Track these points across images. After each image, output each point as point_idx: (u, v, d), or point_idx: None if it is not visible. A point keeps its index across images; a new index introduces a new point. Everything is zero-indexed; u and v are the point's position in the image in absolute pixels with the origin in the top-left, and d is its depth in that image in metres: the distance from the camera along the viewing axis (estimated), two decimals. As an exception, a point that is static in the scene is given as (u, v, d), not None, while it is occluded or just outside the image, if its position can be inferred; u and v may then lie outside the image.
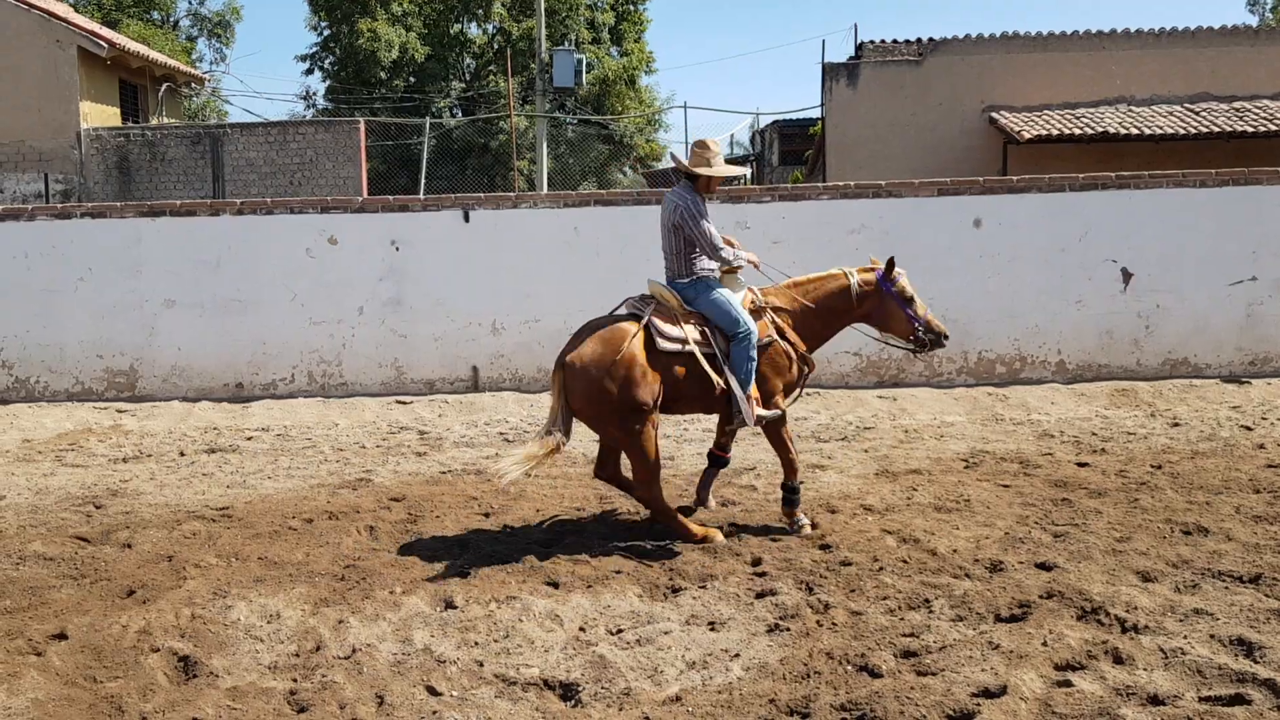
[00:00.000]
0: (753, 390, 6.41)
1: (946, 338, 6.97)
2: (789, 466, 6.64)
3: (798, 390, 6.79)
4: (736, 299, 6.55)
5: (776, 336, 6.58)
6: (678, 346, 6.33)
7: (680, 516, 6.42)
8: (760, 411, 6.44)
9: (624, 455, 6.55)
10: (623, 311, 6.55)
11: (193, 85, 29.08)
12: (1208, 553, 5.84)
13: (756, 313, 6.60)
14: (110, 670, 4.69)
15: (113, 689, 4.48)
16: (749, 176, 33.78)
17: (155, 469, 8.94)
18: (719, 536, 6.28)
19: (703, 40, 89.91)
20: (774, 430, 6.61)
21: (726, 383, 6.32)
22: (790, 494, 6.59)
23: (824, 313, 6.79)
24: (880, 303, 6.84)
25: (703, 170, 6.53)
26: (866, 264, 6.97)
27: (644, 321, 6.33)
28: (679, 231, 6.50)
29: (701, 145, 6.59)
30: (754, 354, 6.40)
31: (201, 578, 5.83)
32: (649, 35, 38.40)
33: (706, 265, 6.58)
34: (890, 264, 6.84)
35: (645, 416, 6.22)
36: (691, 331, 6.38)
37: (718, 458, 7.08)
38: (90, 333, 12.13)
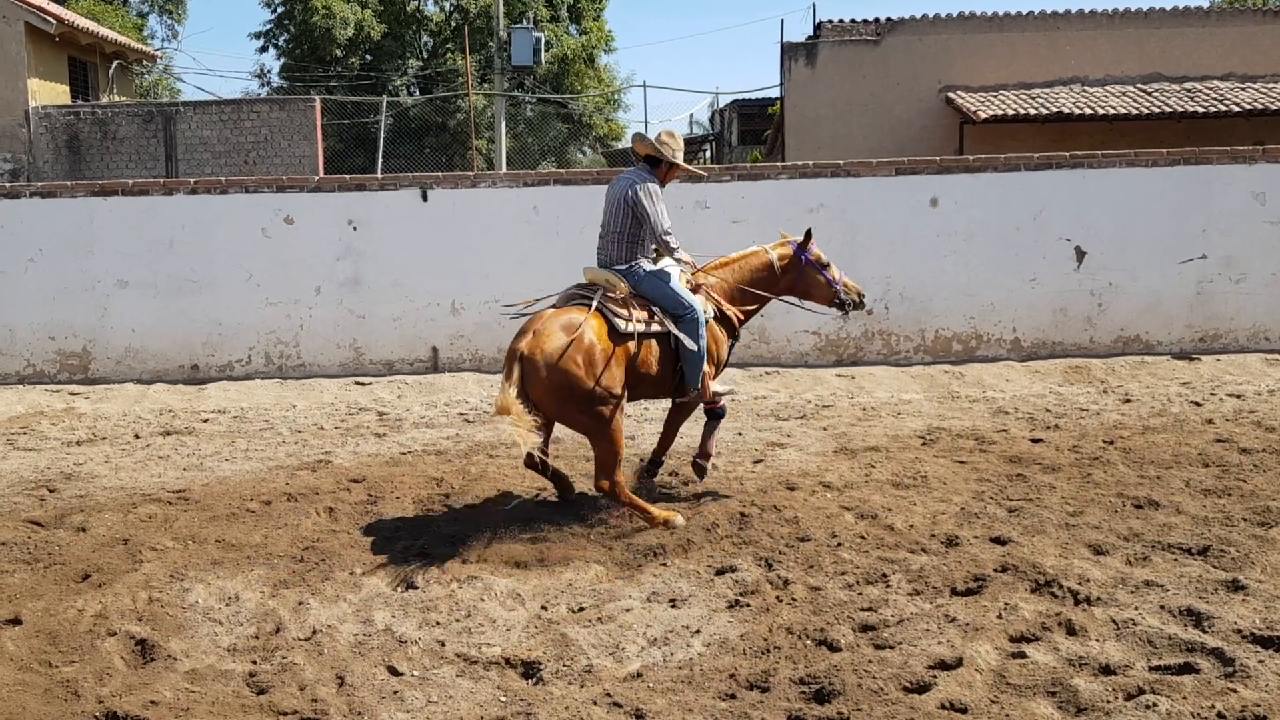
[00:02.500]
0: (707, 367, 6.55)
1: (864, 297, 7.24)
2: (708, 428, 6.98)
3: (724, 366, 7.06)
4: (676, 278, 6.56)
5: (714, 313, 6.74)
6: (640, 328, 6.32)
7: (641, 501, 6.40)
8: (715, 387, 6.69)
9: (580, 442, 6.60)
10: (562, 300, 6.55)
11: (144, 63, 28.59)
12: (1158, 526, 5.95)
13: (694, 290, 6.70)
14: (66, 655, 4.64)
15: (69, 673, 4.44)
16: (708, 156, 33.78)
17: (110, 452, 8.83)
18: (679, 520, 6.22)
19: (662, 19, 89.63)
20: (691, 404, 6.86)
21: (692, 357, 6.40)
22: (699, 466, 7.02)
23: (751, 289, 6.99)
24: (801, 273, 7.09)
25: (670, 156, 6.59)
26: (779, 240, 7.22)
27: (594, 306, 6.26)
28: (631, 211, 6.47)
29: (670, 135, 6.69)
30: (703, 331, 6.49)
31: (158, 561, 5.78)
32: (608, 14, 38.21)
33: (646, 250, 6.60)
34: (808, 235, 7.13)
35: (616, 404, 6.21)
36: (640, 314, 6.38)
37: (711, 411, 7.03)
38: (41, 314, 11.94)
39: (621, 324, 6.25)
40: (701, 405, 6.91)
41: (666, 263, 6.68)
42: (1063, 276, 11.96)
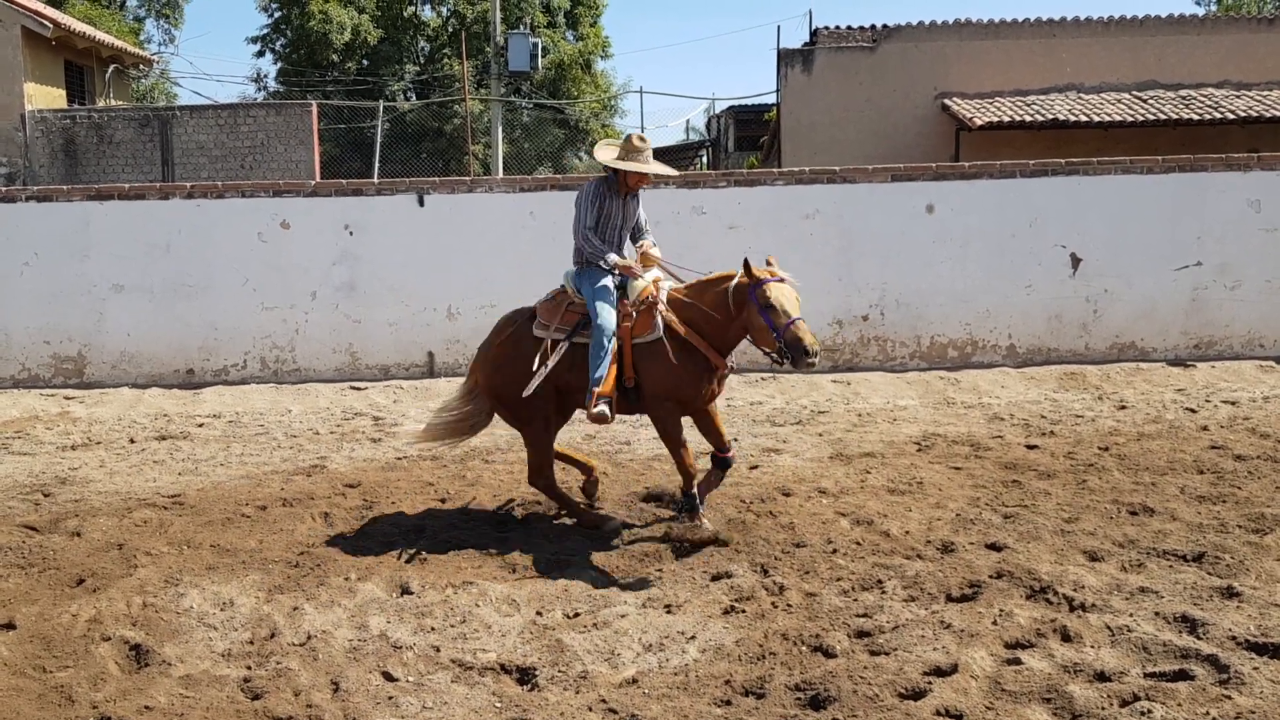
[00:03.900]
0: (602, 383, 6.05)
1: (811, 353, 5.87)
2: (683, 472, 6.30)
3: (708, 392, 6.30)
4: (609, 288, 6.33)
5: (662, 333, 6.13)
6: (544, 334, 6.36)
7: (572, 499, 6.68)
8: (594, 408, 6.06)
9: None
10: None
11: (141, 67, 28.55)
12: (1153, 532, 5.96)
13: (649, 307, 6.22)
14: (60, 660, 4.63)
15: (63, 678, 4.43)
16: (704, 162, 33.79)
17: (105, 456, 8.82)
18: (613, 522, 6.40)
19: (659, 25, 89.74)
20: (665, 430, 6.32)
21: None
22: (688, 501, 6.26)
23: (714, 315, 6.14)
24: (745, 308, 6.03)
25: (621, 165, 6.37)
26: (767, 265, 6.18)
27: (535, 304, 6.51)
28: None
29: (629, 141, 6.46)
30: (606, 344, 6.09)
31: (153, 566, 5.77)
32: (605, 19, 38.27)
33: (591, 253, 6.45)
34: (745, 265, 6.05)
35: (530, 406, 6.34)
36: (558, 321, 6.37)
37: (719, 459, 6.42)
38: (37, 318, 11.91)
39: (537, 330, 6.52)
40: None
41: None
42: (1058, 283, 11.97)
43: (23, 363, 11.96)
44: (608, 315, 6.19)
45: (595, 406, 6.07)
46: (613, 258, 6.38)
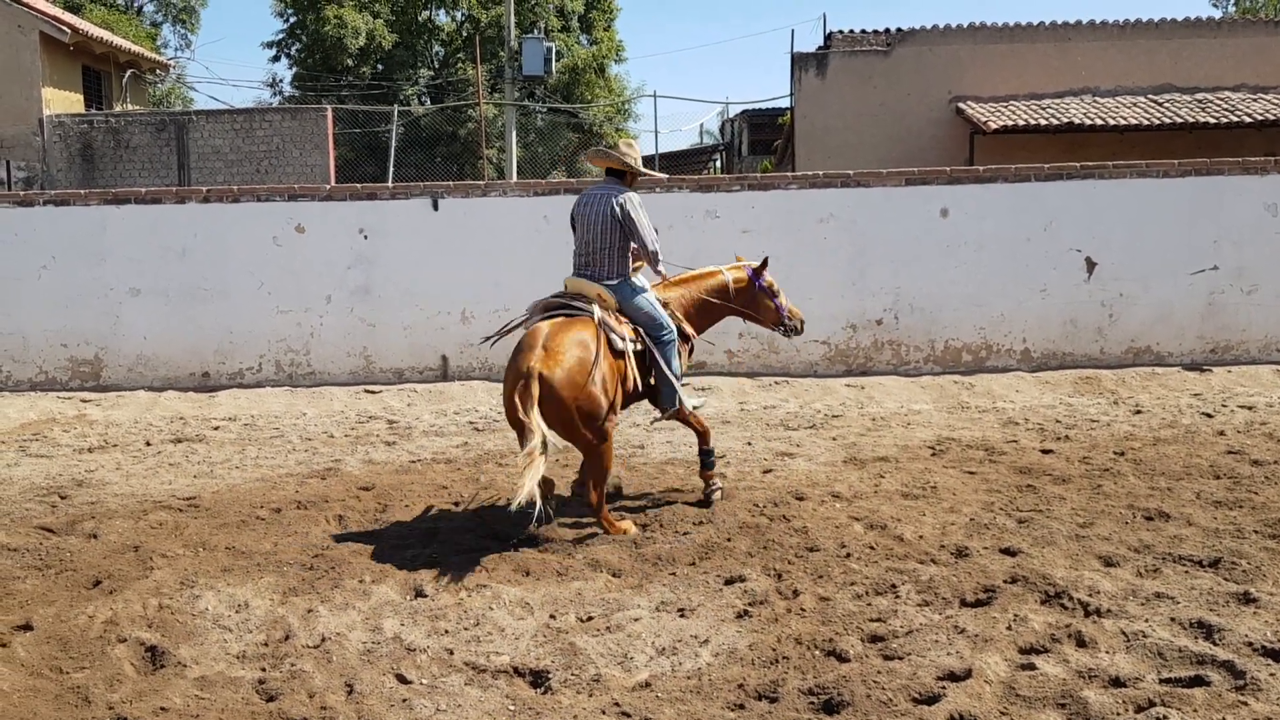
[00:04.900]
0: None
1: (804, 324, 7.58)
2: (702, 434, 6.99)
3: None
4: (654, 298, 6.78)
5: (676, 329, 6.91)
6: (634, 346, 6.52)
7: (608, 514, 6.44)
8: (691, 401, 7.00)
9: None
10: (540, 310, 6.63)
11: (157, 72, 28.74)
12: (1169, 538, 5.93)
13: (663, 306, 6.87)
14: (77, 661, 4.65)
15: (79, 679, 4.45)
16: (718, 165, 33.80)
17: (121, 459, 8.86)
18: (633, 529, 6.32)
19: (673, 29, 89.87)
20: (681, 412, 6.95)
21: (670, 380, 6.62)
22: (706, 457, 6.99)
23: (707, 306, 7.25)
24: (753, 297, 7.37)
25: (636, 166, 6.76)
26: (735, 263, 7.50)
27: (597, 320, 6.36)
28: (620, 225, 6.55)
29: (629, 144, 6.81)
30: (676, 352, 6.73)
31: (169, 568, 5.80)
32: (619, 24, 38.27)
33: (633, 266, 6.76)
34: (764, 263, 7.42)
35: (614, 421, 6.36)
36: (628, 330, 6.55)
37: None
38: (54, 321, 11.99)
39: (618, 341, 6.37)
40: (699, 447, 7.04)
41: (640, 279, 6.80)
42: (1073, 287, 11.93)
43: (40, 365, 12.04)
44: (672, 324, 6.81)
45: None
46: (663, 267, 6.94)
